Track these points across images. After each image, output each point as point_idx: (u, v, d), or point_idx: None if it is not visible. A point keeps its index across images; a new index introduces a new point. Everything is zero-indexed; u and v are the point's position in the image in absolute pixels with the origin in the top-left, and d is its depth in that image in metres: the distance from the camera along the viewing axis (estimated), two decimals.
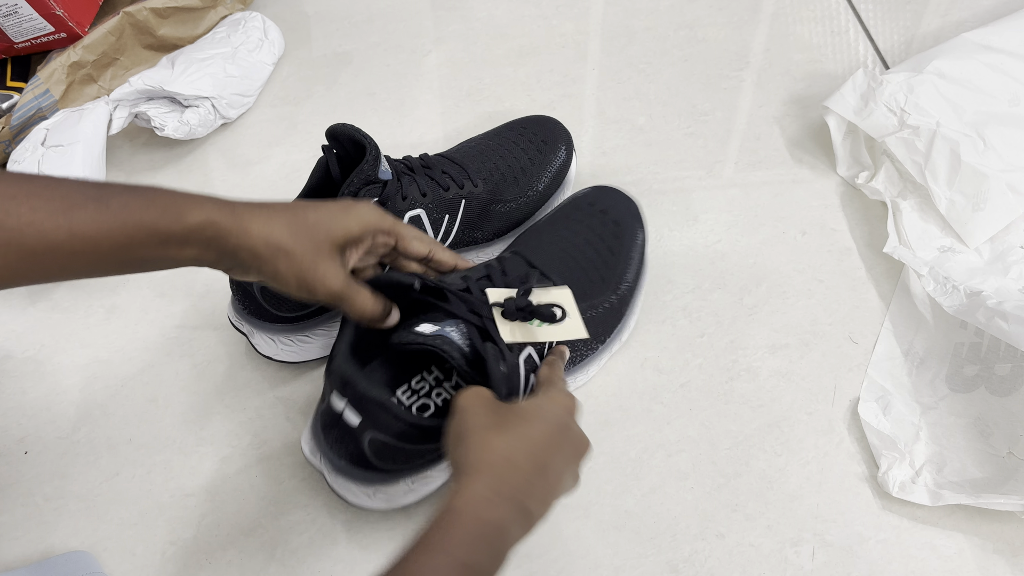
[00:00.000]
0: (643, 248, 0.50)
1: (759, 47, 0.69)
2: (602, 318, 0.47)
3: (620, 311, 0.48)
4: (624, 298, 0.48)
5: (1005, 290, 0.49)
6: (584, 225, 0.49)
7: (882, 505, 0.44)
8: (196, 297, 0.55)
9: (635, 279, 0.49)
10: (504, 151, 0.54)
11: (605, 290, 0.47)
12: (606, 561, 0.43)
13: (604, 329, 0.48)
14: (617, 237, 0.49)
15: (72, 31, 0.63)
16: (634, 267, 0.49)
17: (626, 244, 0.49)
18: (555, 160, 0.54)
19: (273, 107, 0.67)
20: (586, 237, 0.49)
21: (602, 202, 0.51)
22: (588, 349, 0.47)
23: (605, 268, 0.48)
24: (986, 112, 0.55)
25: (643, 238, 0.50)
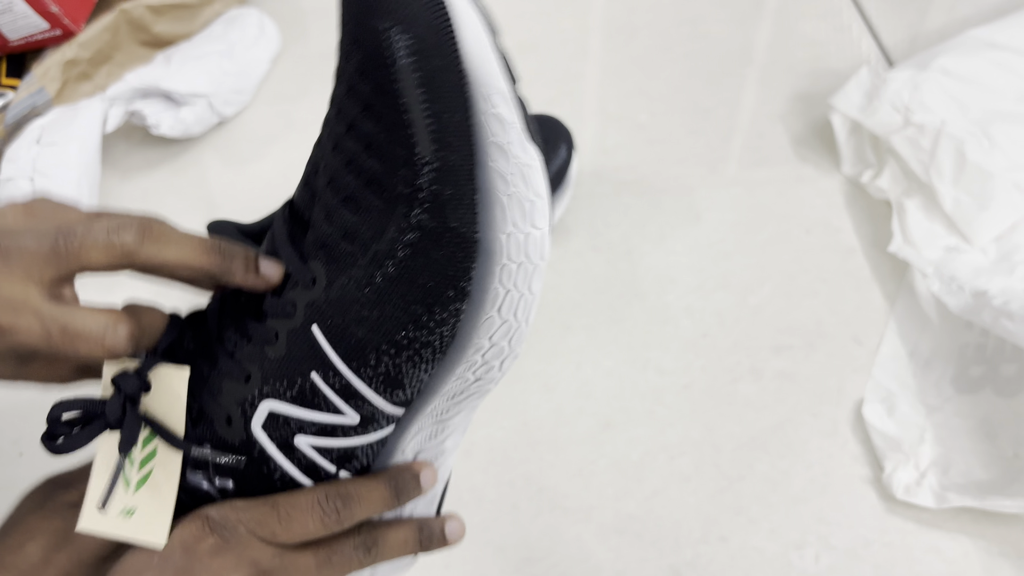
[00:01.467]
0: (430, 69, 0.22)
1: (762, 44, 0.68)
2: (416, 262, 0.23)
3: (447, 225, 0.23)
4: (440, 196, 0.23)
5: (1011, 290, 0.48)
6: (343, 87, 0.25)
7: (887, 508, 0.44)
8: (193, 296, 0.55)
9: (446, 144, 0.22)
10: None
11: (389, 209, 0.23)
12: (608, 565, 0.42)
13: (438, 280, 0.24)
14: (365, 75, 0.23)
15: (67, 28, 0.62)
16: (422, 125, 0.22)
17: (387, 88, 0.22)
18: (556, 159, 0.54)
19: (270, 104, 0.67)
20: (345, 122, 0.25)
21: (348, 19, 0.24)
22: (433, 325, 0.25)
23: (376, 164, 0.23)
24: (992, 110, 0.54)
25: (416, 45, 0.21)
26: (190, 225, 0.61)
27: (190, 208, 0.60)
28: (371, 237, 0.23)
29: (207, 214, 0.60)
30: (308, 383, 0.24)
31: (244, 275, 0.25)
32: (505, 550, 0.43)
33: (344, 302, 0.23)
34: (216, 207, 0.60)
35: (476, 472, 0.46)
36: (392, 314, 0.23)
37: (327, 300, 0.24)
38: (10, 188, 0.55)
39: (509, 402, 0.48)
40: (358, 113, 0.23)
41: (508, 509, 0.44)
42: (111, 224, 0.24)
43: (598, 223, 0.57)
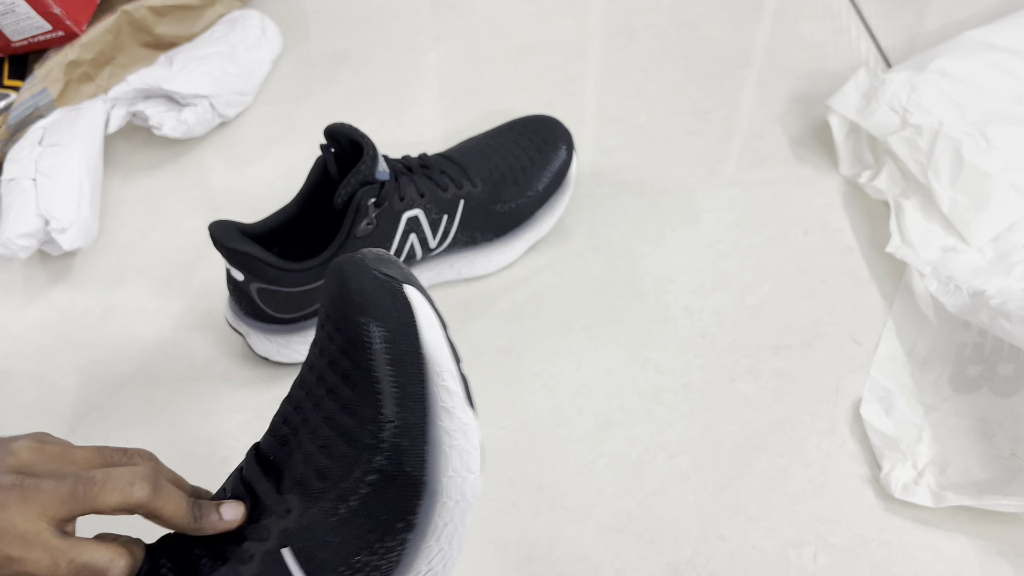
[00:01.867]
0: (399, 348, 0.28)
1: (761, 45, 0.68)
2: (375, 502, 0.29)
3: (403, 473, 0.29)
4: (400, 449, 0.29)
5: (1008, 290, 0.48)
6: (316, 351, 0.31)
7: (885, 507, 0.44)
8: (193, 297, 0.55)
9: (405, 408, 0.29)
10: (504, 151, 0.54)
11: (355, 455, 0.29)
12: (607, 563, 0.43)
13: (388, 518, 0.29)
14: (345, 353, 0.29)
15: (69, 29, 0.62)
16: (388, 392, 0.28)
17: (360, 361, 0.29)
18: (555, 160, 0.54)
19: (271, 105, 0.67)
20: (319, 374, 0.31)
21: (331, 289, 0.30)
22: (381, 553, 0.30)
23: (347, 418, 0.29)
24: (989, 111, 0.54)
25: (387, 332, 0.28)
26: (192, 225, 0.61)
27: (192, 208, 0.60)
28: (340, 477, 0.28)
29: (209, 214, 0.60)
30: None
31: (215, 526, 0.29)
32: (505, 548, 0.43)
33: (312, 529, 0.28)
34: (218, 208, 0.61)
35: None
36: (351, 540, 0.28)
37: (299, 527, 0.28)
38: (13, 188, 0.56)
39: (509, 401, 0.49)
40: (338, 381, 0.29)
41: (508, 507, 0.45)
42: (128, 478, 0.28)
43: (597, 223, 0.57)
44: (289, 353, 0.49)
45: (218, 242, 0.43)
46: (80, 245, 0.55)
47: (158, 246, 0.58)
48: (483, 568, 0.43)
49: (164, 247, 0.58)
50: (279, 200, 0.51)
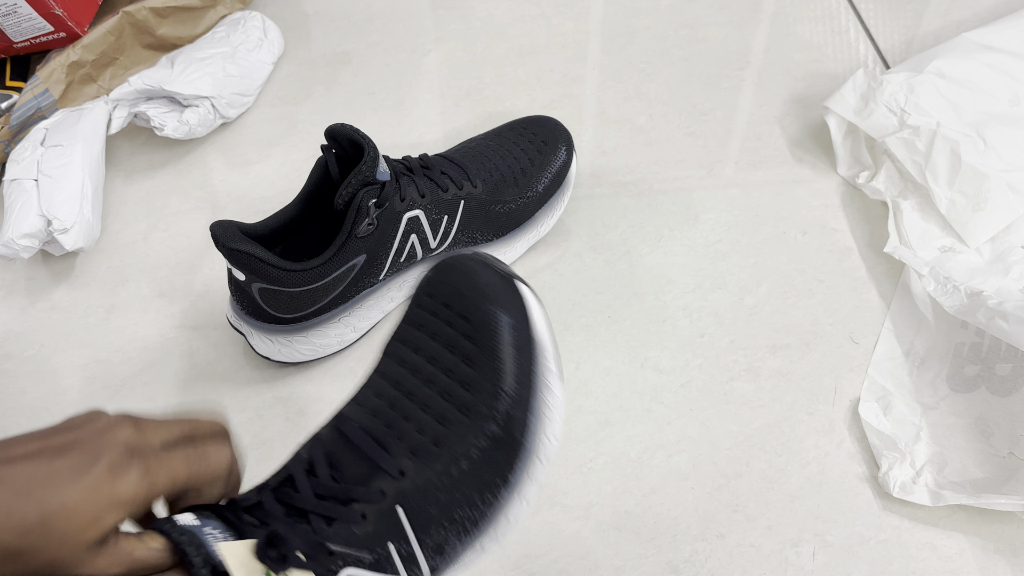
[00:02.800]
0: (521, 333, 0.33)
1: (760, 47, 0.69)
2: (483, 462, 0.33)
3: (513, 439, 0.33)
4: (512, 419, 0.33)
5: (1006, 290, 0.48)
6: (425, 336, 0.35)
7: (883, 505, 0.44)
8: (195, 297, 0.55)
9: (522, 383, 0.33)
10: (504, 152, 0.54)
11: (471, 424, 0.33)
12: (606, 561, 0.43)
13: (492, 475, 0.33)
14: (470, 337, 0.33)
15: (71, 31, 0.63)
16: (510, 369, 0.33)
17: (485, 343, 0.33)
18: (555, 160, 0.54)
19: (273, 107, 0.67)
20: (429, 355, 0.34)
21: (441, 289, 0.35)
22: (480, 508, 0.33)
23: (464, 392, 0.33)
24: (987, 112, 0.54)
25: (514, 320, 0.33)
26: (194, 226, 0.62)
27: (194, 209, 0.61)
28: (454, 443, 0.32)
29: (210, 215, 0.60)
30: (384, 552, 0.31)
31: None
32: (505, 546, 0.43)
33: (426, 489, 0.32)
34: (219, 208, 0.61)
35: None
36: (457, 498, 0.32)
37: (414, 488, 0.31)
38: (15, 189, 0.56)
39: None
40: (458, 361, 0.33)
41: None
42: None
43: (597, 224, 0.57)
44: (290, 353, 0.49)
45: (220, 242, 0.43)
46: (82, 245, 0.55)
47: (160, 246, 0.59)
48: (483, 566, 0.43)
49: (166, 247, 0.59)
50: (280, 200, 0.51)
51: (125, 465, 0.28)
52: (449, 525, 0.32)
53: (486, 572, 0.43)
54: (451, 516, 0.32)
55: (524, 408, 0.33)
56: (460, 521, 0.32)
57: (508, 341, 0.33)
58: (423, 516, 0.31)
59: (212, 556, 0.28)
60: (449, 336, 0.34)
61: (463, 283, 0.34)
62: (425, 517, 0.31)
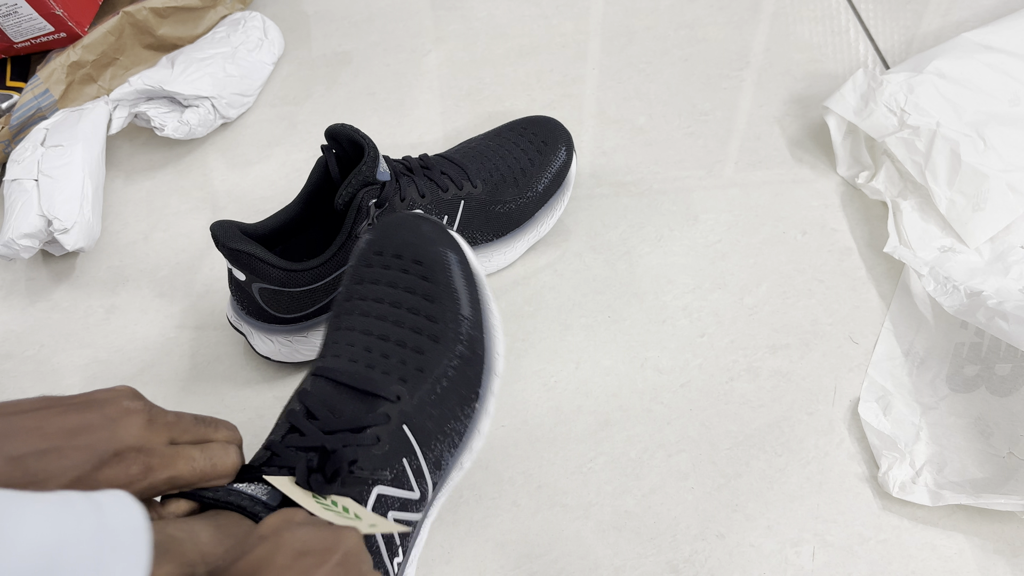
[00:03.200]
0: (465, 266, 0.39)
1: (759, 47, 0.69)
2: (458, 380, 0.37)
3: (476, 355, 0.38)
4: (472, 338, 0.38)
5: (1005, 290, 0.49)
6: (382, 287, 0.38)
7: (882, 505, 0.44)
8: (195, 297, 0.55)
9: (474, 307, 0.38)
10: (504, 152, 0.54)
11: (443, 348, 0.37)
12: (606, 561, 0.43)
13: (467, 390, 0.38)
14: (426, 278, 0.38)
15: (72, 31, 0.63)
16: (464, 297, 0.38)
17: (440, 279, 0.38)
18: (555, 161, 0.54)
19: (273, 107, 0.67)
20: (390, 302, 0.38)
21: (390, 244, 0.39)
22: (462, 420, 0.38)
23: (431, 324, 0.37)
24: (986, 112, 0.55)
25: (458, 257, 0.39)
26: (194, 226, 0.62)
27: (194, 209, 0.61)
28: (433, 367, 0.37)
29: (211, 215, 0.60)
30: (401, 467, 0.34)
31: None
32: (505, 546, 0.43)
33: (421, 407, 0.36)
34: (220, 208, 0.61)
35: (477, 469, 0.46)
36: (444, 412, 0.36)
37: (412, 408, 0.35)
38: (15, 189, 0.56)
39: (509, 400, 0.49)
40: (419, 300, 0.38)
41: (508, 506, 0.45)
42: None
43: (597, 224, 0.57)
44: (290, 353, 0.49)
45: (220, 242, 0.43)
46: (83, 245, 0.55)
47: (160, 246, 0.59)
48: (483, 566, 0.43)
49: (166, 247, 0.59)
50: (281, 200, 0.51)
51: (125, 460, 0.29)
52: (443, 438, 0.36)
53: (486, 572, 0.43)
54: (443, 429, 0.36)
55: (479, 328, 0.39)
56: (450, 434, 0.37)
57: (458, 274, 0.38)
58: (424, 432, 0.35)
59: (257, 496, 0.31)
60: (407, 281, 0.38)
61: (409, 235, 0.39)
62: (426, 433, 0.35)
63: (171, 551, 0.27)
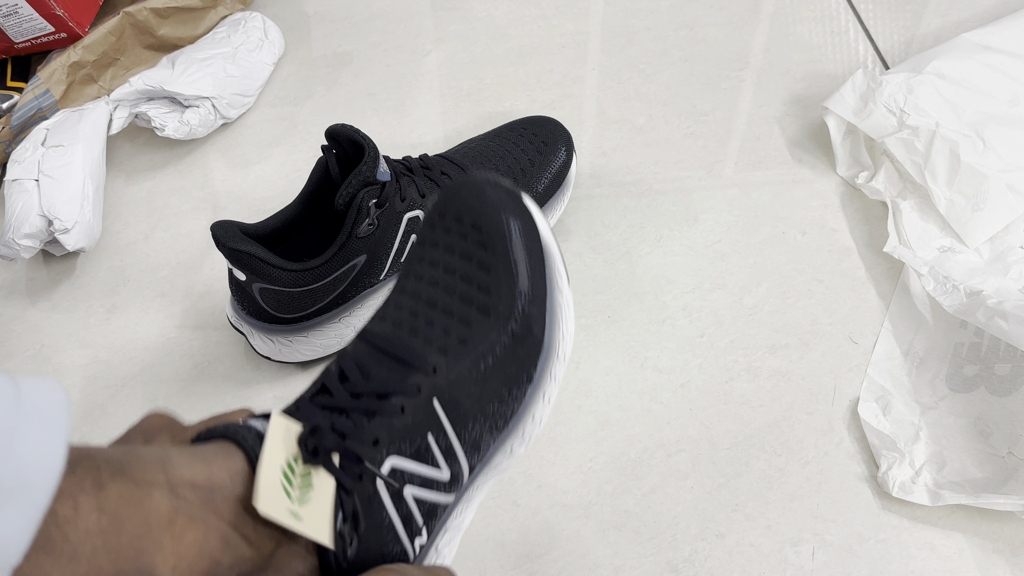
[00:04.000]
0: (530, 237, 0.35)
1: (759, 47, 0.69)
2: (507, 359, 0.34)
3: (532, 334, 0.35)
4: (530, 316, 0.34)
5: (1005, 290, 0.49)
6: (440, 251, 0.36)
7: (882, 505, 0.44)
8: (196, 297, 0.55)
9: (534, 283, 0.35)
10: (504, 152, 0.54)
11: (493, 323, 0.34)
12: (606, 561, 0.43)
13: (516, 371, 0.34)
14: (483, 245, 0.35)
15: (72, 31, 0.63)
16: (523, 271, 0.35)
17: (498, 248, 0.35)
18: (555, 161, 0.54)
19: (273, 107, 0.67)
20: (444, 267, 0.35)
21: (452, 206, 0.36)
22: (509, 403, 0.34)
23: (483, 295, 0.34)
24: (985, 112, 0.55)
25: (522, 225, 0.35)
26: (194, 226, 0.62)
27: (194, 209, 0.61)
28: (479, 341, 0.33)
29: (211, 215, 0.61)
30: (424, 443, 0.32)
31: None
32: (505, 546, 0.44)
33: (458, 383, 0.33)
34: (220, 208, 0.61)
35: None
36: (487, 392, 0.33)
37: (447, 382, 0.32)
38: (16, 189, 0.56)
39: None
40: (474, 269, 0.35)
41: (508, 505, 0.45)
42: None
43: (597, 224, 0.57)
44: (291, 352, 0.49)
45: (220, 242, 0.43)
46: (83, 245, 0.55)
47: (161, 246, 0.59)
48: (483, 565, 0.43)
49: (167, 247, 0.59)
50: (281, 201, 0.51)
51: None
52: (483, 419, 0.33)
53: (486, 572, 0.43)
54: (484, 410, 0.33)
55: (540, 307, 0.35)
56: (492, 416, 0.34)
57: (520, 245, 0.35)
58: (458, 409, 0.33)
59: (251, 426, 0.29)
60: (463, 247, 0.35)
61: (472, 198, 0.36)
62: (461, 410, 0.33)
63: (129, 471, 0.25)
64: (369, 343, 0.34)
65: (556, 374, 0.36)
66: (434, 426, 0.32)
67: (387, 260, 0.48)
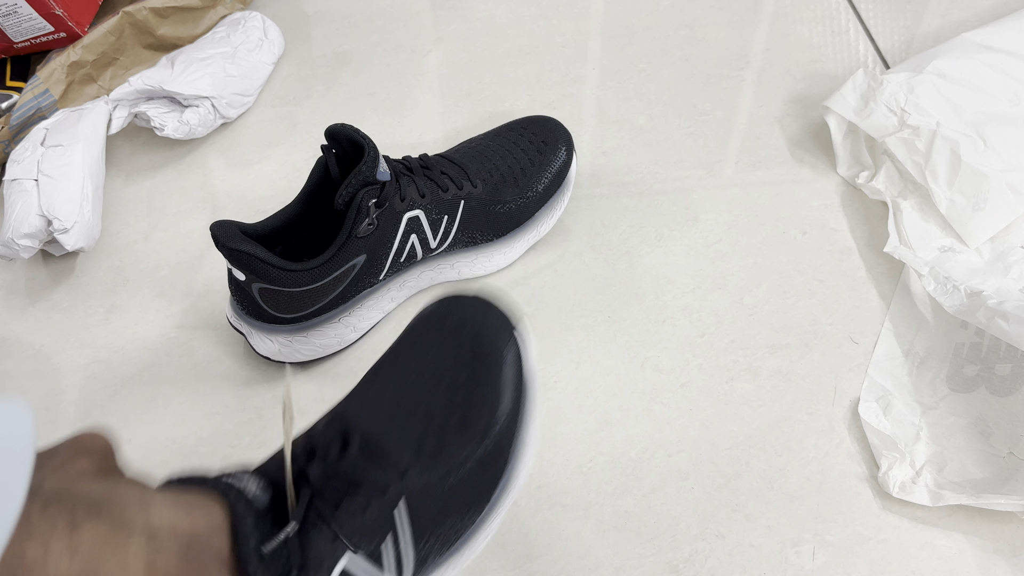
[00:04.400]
0: (519, 365, 0.36)
1: (759, 47, 0.69)
2: (472, 480, 0.34)
3: (498, 462, 0.35)
4: (501, 442, 0.35)
5: (1005, 290, 0.49)
6: (432, 354, 0.36)
7: (882, 505, 0.44)
8: (195, 297, 0.55)
9: (514, 410, 0.36)
10: (504, 151, 0.54)
11: (467, 439, 0.34)
12: (606, 561, 0.43)
13: (478, 494, 0.35)
14: (477, 360, 0.36)
15: (72, 31, 0.63)
16: (508, 396, 0.35)
17: (491, 367, 0.36)
18: (555, 160, 0.54)
19: (273, 107, 0.67)
20: (434, 371, 0.36)
21: (453, 316, 0.37)
22: (461, 525, 0.35)
23: (465, 409, 0.35)
24: (986, 112, 0.55)
25: (516, 352, 0.37)
26: (194, 226, 0.62)
27: (194, 209, 0.61)
28: (451, 456, 0.34)
29: (211, 215, 0.61)
30: (379, 548, 0.31)
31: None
32: (505, 546, 0.44)
33: (426, 491, 0.33)
34: (220, 208, 0.61)
35: None
36: (449, 506, 0.34)
37: (415, 488, 0.33)
38: (15, 189, 0.56)
39: None
40: (463, 380, 0.35)
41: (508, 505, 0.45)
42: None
43: (597, 224, 0.57)
44: (291, 352, 0.49)
45: (220, 242, 0.43)
46: (83, 245, 0.55)
47: (160, 246, 0.59)
48: (483, 565, 0.43)
49: (166, 247, 0.59)
50: (280, 200, 0.51)
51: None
52: (437, 535, 0.33)
53: (486, 572, 0.43)
54: (441, 525, 0.33)
55: (511, 437, 0.36)
56: (444, 534, 0.34)
57: (509, 373, 0.36)
58: (420, 521, 0.33)
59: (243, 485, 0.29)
60: (458, 356, 0.36)
61: (478, 313, 0.37)
62: (421, 523, 0.33)
63: (106, 513, 0.24)
64: (350, 425, 0.33)
65: (504, 508, 0.37)
66: (393, 532, 0.32)
67: (387, 260, 0.48)
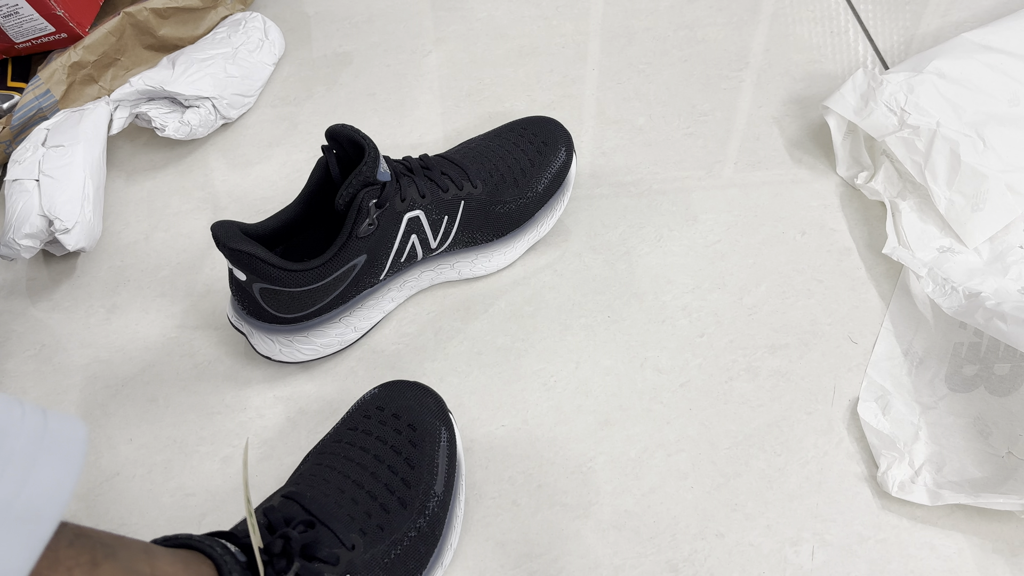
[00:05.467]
0: (452, 448, 0.42)
1: (759, 47, 0.69)
2: (410, 553, 0.39)
3: (433, 534, 0.40)
4: (436, 517, 0.40)
5: (1004, 291, 0.49)
6: (372, 439, 0.41)
7: (881, 505, 0.44)
8: (196, 297, 0.56)
9: (447, 488, 0.41)
10: (504, 152, 0.54)
11: (407, 515, 0.39)
12: (606, 560, 0.43)
13: (416, 563, 0.39)
14: (414, 444, 0.41)
15: (73, 31, 0.63)
16: (442, 475, 0.41)
17: (427, 450, 0.41)
18: (555, 161, 0.54)
19: (273, 107, 0.67)
20: (375, 454, 0.40)
21: (392, 403, 0.43)
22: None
23: (404, 488, 0.40)
24: (986, 112, 0.55)
25: (448, 436, 0.43)
26: (195, 226, 0.62)
27: (195, 209, 0.61)
28: (393, 530, 0.38)
29: (211, 215, 0.61)
30: None
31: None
32: (505, 545, 0.44)
33: (371, 565, 0.37)
34: (220, 208, 0.61)
35: (477, 469, 0.46)
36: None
37: (363, 562, 0.36)
38: (16, 189, 0.56)
39: (509, 400, 0.49)
40: (401, 462, 0.41)
41: (508, 505, 0.45)
42: None
43: (596, 224, 0.57)
44: (291, 352, 0.49)
45: (221, 242, 0.43)
46: (84, 245, 0.55)
47: (161, 246, 0.59)
48: (483, 565, 0.43)
49: (167, 247, 0.59)
50: (281, 201, 0.52)
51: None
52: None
53: (486, 572, 0.43)
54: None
55: (445, 510, 0.41)
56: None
57: (444, 452, 0.42)
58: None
59: (228, 547, 0.32)
60: (396, 441, 0.41)
61: (412, 400, 0.43)
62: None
63: (120, 556, 0.27)
64: (300, 506, 0.37)
65: (441, 568, 0.41)
66: None
67: (387, 260, 0.48)
